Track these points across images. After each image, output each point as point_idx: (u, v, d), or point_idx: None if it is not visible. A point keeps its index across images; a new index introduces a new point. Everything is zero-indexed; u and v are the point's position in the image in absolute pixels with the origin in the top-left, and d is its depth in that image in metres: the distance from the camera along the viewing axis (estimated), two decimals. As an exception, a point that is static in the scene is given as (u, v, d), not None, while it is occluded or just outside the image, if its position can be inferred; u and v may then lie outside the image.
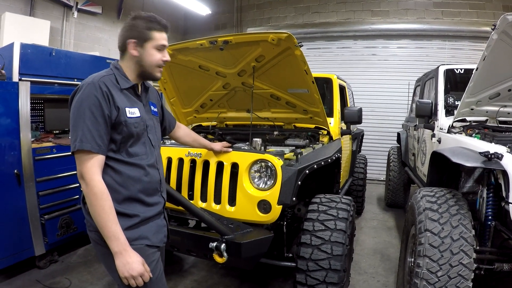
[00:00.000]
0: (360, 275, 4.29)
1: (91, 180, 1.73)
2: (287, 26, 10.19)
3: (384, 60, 9.67)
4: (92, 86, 1.78)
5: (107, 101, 1.79)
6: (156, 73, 2.01)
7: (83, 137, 1.73)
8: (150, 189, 1.99)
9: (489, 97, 3.66)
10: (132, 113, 1.91)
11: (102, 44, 8.43)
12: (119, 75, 1.94)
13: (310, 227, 3.00)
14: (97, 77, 1.85)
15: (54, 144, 4.37)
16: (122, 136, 1.86)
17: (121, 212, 1.84)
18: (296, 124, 4.38)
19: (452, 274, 2.42)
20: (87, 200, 1.77)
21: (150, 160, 2.01)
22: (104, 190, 1.75)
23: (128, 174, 1.88)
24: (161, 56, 1.98)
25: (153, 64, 1.96)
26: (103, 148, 1.78)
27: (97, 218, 1.75)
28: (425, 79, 5.96)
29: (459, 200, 2.80)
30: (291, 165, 2.97)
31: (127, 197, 1.88)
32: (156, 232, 2.01)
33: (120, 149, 1.88)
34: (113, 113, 1.81)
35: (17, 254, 3.92)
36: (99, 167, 1.77)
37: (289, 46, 3.16)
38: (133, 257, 1.76)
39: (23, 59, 4.13)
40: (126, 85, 1.94)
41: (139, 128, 1.93)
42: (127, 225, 1.84)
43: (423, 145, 5.08)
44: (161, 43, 1.95)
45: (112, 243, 1.74)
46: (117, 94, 1.87)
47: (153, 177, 2.01)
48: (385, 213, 6.98)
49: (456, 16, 8.86)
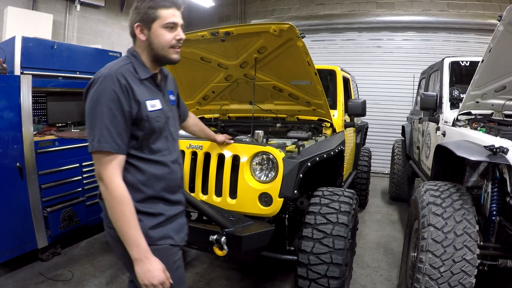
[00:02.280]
0: (363, 269, 4.27)
1: (110, 183, 1.62)
2: (291, 18, 10.11)
3: (389, 53, 9.58)
4: (109, 79, 1.65)
5: (127, 96, 1.67)
6: (171, 55, 1.81)
7: (101, 136, 1.62)
8: (173, 187, 1.90)
9: (495, 90, 3.61)
10: (153, 106, 1.78)
11: (105, 37, 8.41)
12: (138, 63, 1.80)
13: (312, 220, 2.98)
14: (114, 67, 1.71)
15: (56, 137, 4.36)
16: (144, 132, 1.74)
17: (145, 211, 1.76)
18: (299, 116, 4.35)
19: (455, 270, 2.39)
20: (106, 203, 1.66)
21: (173, 155, 1.91)
22: (125, 194, 1.64)
23: (151, 173, 1.78)
24: (173, 35, 1.78)
25: (164, 45, 1.78)
26: (123, 147, 1.67)
27: (116, 222, 1.65)
28: (430, 71, 5.90)
29: (463, 195, 2.76)
30: (292, 158, 2.94)
31: (151, 196, 1.79)
32: (179, 231, 1.93)
33: (142, 146, 1.77)
34: (133, 108, 1.69)
35: (20, 247, 3.93)
36: (119, 168, 1.67)
37: (291, 37, 3.12)
38: (154, 264, 1.67)
39: (24, 53, 4.13)
40: (146, 75, 1.80)
41: (161, 122, 1.81)
42: (151, 224, 1.77)
43: (428, 138, 5.04)
44: (170, 21, 1.75)
45: (133, 250, 1.64)
46: (137, 86, 1.73)
47: (176, 173, 1.92)
48: (389, 206, 6.96)
49: (462, 8, 8.76)
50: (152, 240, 1.74)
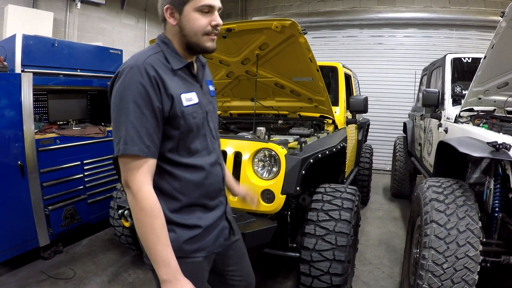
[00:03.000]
0: (365, 266, 4.27)
1: (138, 191, 1.42)
2: (292, 15, 10.08)
3: (391, 49, 9.56)
4: (135, 71, 1.42)
5: (157, 89, 1.45)
6: (205, 43, 1.58)
7: (127, 138, 1.40)
8: (213, 191, 1.71)
9: (497, 87, 3.59)
10: (189, 99, 1.56)
11: (106, 35, 8.38)
12: (169, 52, 1.58)
13: (314, 217, 2.97)
14: (142, 57, 1.48)
15: (57, 135, 4.35)
16: (180, 131, 1.53)
17: (180, 222, 1.58)
18: (300, 113, 4.34)
19: (458, 267, 2.38)
20: (133, 213, 1.45)
21: (212, 156, 1.70)
22: (155, 205, 1.44)
23: (188, 179, 1.59)
24: (209, 20, 1.55)
25: (197, 31, 1.54)
26: (153, 149, 1.45)
27: (144, 238, 1.44)
28: (432, 68, 5.88)
29: (465, 191, 2.75)
30: (295, 154, 2.94)
31: (187, 204, 1.60)
32: (217, 237, 1.75)
33: (178, 147, 1.56)
34: (165, 104, 1.47)
35: (21, 245, 3.93)
36: (149, 173, 1.45)
37: (293, 34, 3.11)
38: (185, 286, 1.47)
39: (25, 51, 4.10)
40: (179, 65, 1.58)
41: (198, 118, 1.60)
42: (186, 237, 1.59)
43: (430, 135, 5.03)
44: (205, 3, 1.51)
45: (161, 270, 1.44)
46: (169, 77, 1.51)
47: (216, 176, 1.72)
48: (390, 203, 6.95)
49: (464, 5, 8.73)
50: (184, 253, 1.59)
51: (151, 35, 9.43)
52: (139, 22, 9.31)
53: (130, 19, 9.04)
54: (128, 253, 4.45)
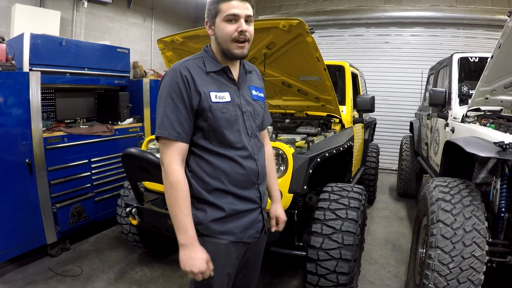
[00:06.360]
0: (371, 265, 4.27)
1: (168, 168, 1.69)
2: (298, 14, 10.06)
3: (397, 48, 9.53)
4: (173, 72, 1.75)
5: (187, 86, 1.72)
6: (233, 50, 1.80)
7: (161, 124, 1.71)
8: (245, 182, 1.86)
9: (504, 86, 3.57)
10: (220, 97, 1.79)
11: (113, 34, 8.42)
12: (208, 57, 1.86)
13: (321, 216, 2.98)
14: (181, 61, 1.81)
15: (65, 133, 4.38)
16: (208, 123, 1.76)
17: (211, 201, 1.78)
18: (308, 112, 4.35)
19: (464, 266, 2.38)
20: (164, 187, 1.73)
21: (245, 151, 1.85)
22: (180, 180, 1.69)
23: (219, 166, 1.79)
24: (235, 27, 1.76)
25: (226, 38, 1.78)
26: (183, 135, 1.72)
27: (169, 206, 1.70)
28: (439, 67, 5.86)
29: (472, 191, 2.74)
30: (302, 153, 2.95)
31: (218, 188, 1.79)
32: (247, 228, 1.89)
33: (209, 137, 1.79)
34: (194, 98, 1.73)
35: (29, 243, 3.96)
36: (178, 155, 1.72)
37: (300, 33, 3.12)
38: (198, 253, 1.69)
39: (33, 50, 4.13)
40: (213, 68, 1.83)
41: (228, 113, 1.79)
42: (214, 217, 1.78)
43: (436, 135, 5.01)
44: (229, 13, 1.74)
45: (180, 235, 1.68)
46: (201, 78, 1.77)
47: (249, 168, 1.86)
48: (397, 203, 6.94)
49: (471, 3, 8.67)
50: (211, 232, 1.78)
51: (158, 33, 9.45)
52: (145, 21, 9.34)
53: (137, 18, 9.07)
54: (135, 251, 4.48)
